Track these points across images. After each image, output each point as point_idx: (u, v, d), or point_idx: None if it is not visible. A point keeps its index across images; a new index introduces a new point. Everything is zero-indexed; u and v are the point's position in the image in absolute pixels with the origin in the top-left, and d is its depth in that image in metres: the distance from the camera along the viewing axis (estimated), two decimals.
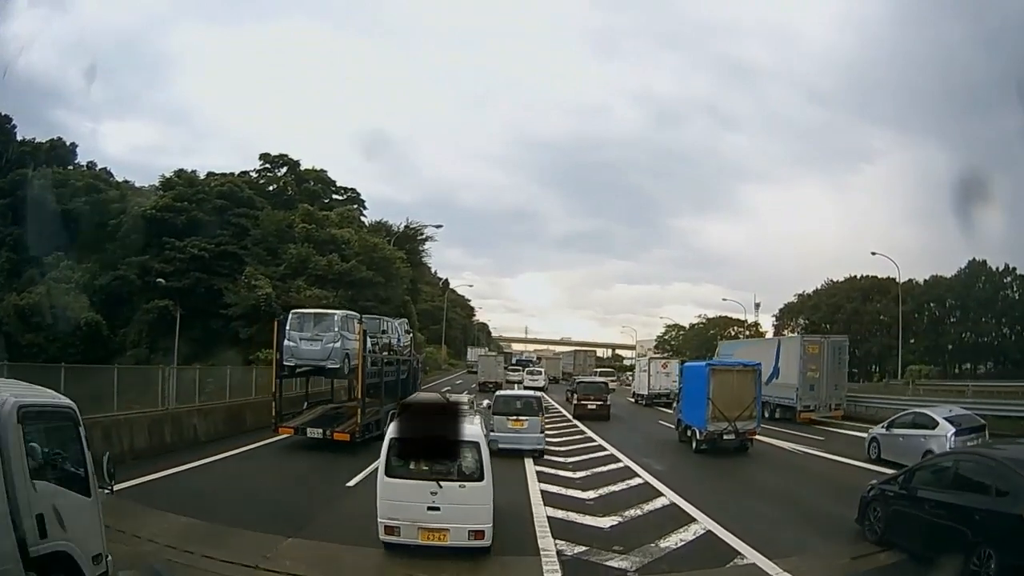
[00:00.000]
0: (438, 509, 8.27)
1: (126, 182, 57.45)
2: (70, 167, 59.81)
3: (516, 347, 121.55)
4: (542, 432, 17.75)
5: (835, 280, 70.02)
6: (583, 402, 29.07)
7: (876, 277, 67.05)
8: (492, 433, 15.70)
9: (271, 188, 46.84)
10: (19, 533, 4.52)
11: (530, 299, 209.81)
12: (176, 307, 37.92)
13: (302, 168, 49.81)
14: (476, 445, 8.67)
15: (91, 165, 67.17)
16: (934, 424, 16.64)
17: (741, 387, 18.98)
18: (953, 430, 15.95)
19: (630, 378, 49.74)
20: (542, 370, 54.55)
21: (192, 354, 36.55)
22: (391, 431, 8.93)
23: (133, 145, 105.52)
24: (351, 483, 12.92)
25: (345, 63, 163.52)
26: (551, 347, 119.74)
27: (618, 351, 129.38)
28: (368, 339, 18.52)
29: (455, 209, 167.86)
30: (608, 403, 29.29)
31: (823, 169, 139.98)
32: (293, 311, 19.86)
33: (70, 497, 5.41)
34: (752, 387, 19.20)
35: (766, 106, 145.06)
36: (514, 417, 17.58)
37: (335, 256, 35.38)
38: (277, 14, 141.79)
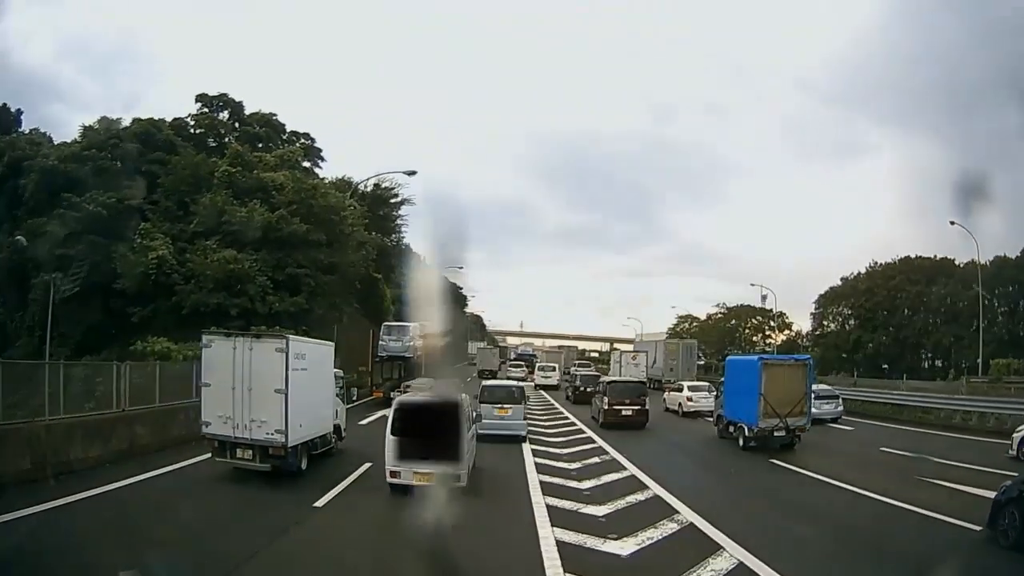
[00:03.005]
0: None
1: (64, 144, 46.18)
2: (13, 134, 48.65)
3: (511, 340, 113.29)
4: (524, 419, 19.43)
5: (880, 262, 60.99)
6: (615, 407, 22.84)
7: (933, 258, 56.10)
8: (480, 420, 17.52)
9: (211, 139, 35.31)
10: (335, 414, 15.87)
11: (525, 293, 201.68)
12: (53, 280, 26.70)
13: (247, 112, 38.14)
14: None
15: (34, 131, 55.49)
16: None
17: (792, 382, 18.25)
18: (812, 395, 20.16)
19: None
20: (555, 365, 48.87)
21: (89, 345, 28.50)
22: (395, 403, 11.84)
23: None
24: None
25: (340, 56, 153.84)
26: (545, 340, 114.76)
27: (617, 345, 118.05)
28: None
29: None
30: (647, 407, 23.43)
31: (821, 163, 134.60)
32: (384, 323, 32.44)
33: (340, 404, 16.42)
34: (803, 382, 18.53)
35: (763, 101, 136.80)
36: (499, 405, 18.79)
37: (256, 203, 24.05)
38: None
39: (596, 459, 16.10)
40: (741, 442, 18.56)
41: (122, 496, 11.29)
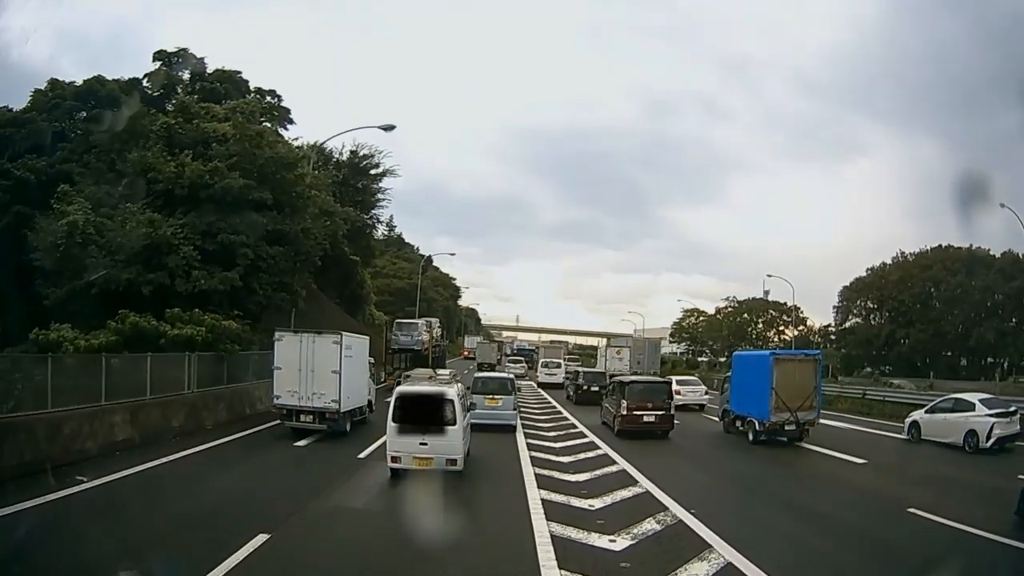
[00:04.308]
0: (426, 444, 11.82)
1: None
2: None
3: (506, 334, 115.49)
4: (515, 409, 20.04)
5: (909, 252, 55.05)
6: (636, 412, 18.93)
7: (970, 247, 51.32)
8: (474, 409, 18.19)
9: (168, 103, 30.34)
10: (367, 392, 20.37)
11: (521, 288, 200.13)
12: None
13: (209, 71, 33.16)
14: (451, 402, 12.15)
15: (5, 107, 51.13)
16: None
17: (803, 376, 18.29)
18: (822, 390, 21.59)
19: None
20: (560, 361, 45.10)
21: (14, 333, 23.88)
22: (396, 393, 12.52)
23: None
24: None
25: (335, 51, 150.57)
26: (540, 335, 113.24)
27: (614, 341, 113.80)
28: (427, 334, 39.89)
29: (446, 198, 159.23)
30: (672, 412, 19.71)
31: (816, 161, 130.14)
32: (396, 320, 41.15)
33: (371, 384, 20.77)
34: (813, 376, 18.58)
35: (760, 98, 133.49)
36: (490, 396, 19.38)
37: (188, 156, 19.10)
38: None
39: (628, 493, 11.85)
40: (751, 436, 18.87)
41: None
